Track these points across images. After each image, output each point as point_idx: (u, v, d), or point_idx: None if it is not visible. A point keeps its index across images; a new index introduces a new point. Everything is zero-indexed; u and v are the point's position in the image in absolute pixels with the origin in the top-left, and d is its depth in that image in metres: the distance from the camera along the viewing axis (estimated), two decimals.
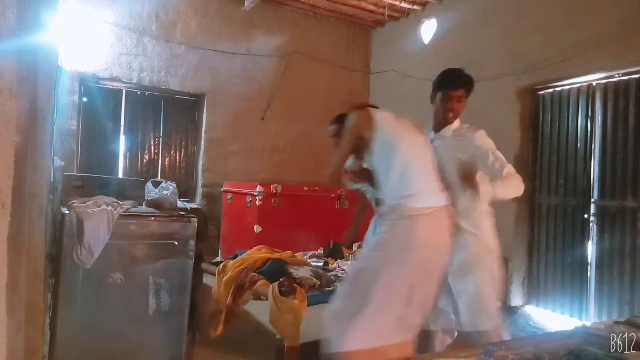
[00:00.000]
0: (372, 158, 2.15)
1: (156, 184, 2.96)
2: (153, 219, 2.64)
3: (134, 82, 5.66)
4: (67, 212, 2.38)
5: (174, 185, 2.94)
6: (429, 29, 5.86)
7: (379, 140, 2.11)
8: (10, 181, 1.47)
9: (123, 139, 5.84)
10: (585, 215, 4.27)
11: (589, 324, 2.21)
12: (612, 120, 4.12)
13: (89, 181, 3.12)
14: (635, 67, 3.90)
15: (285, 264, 3.11)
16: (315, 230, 4.74)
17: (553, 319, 4.45)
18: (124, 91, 5.82)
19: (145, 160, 5.99)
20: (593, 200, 4.23)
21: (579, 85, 4.40)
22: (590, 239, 4.24)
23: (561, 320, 4.37)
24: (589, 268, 4.25)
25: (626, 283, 3.92)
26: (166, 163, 6.15)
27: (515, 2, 4.91)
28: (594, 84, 4.29)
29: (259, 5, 6.05)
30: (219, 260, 3.76)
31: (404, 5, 6.09)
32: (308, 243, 4.25)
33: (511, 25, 4.91)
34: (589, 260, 4.25)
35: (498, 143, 2.42)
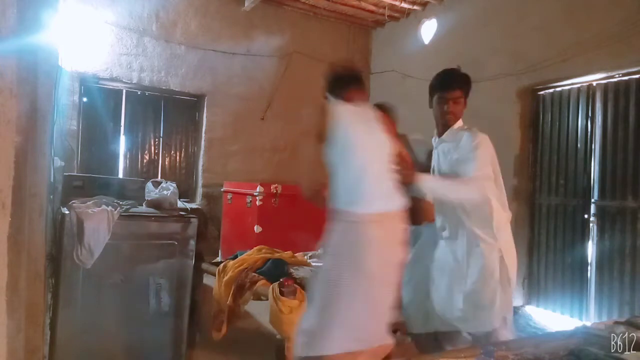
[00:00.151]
0: (328, 157, 1.99)
1: (156, 184, 2.96)
2: (153, 219, 2.64)
3: (134, 82, 5.67)
4: (67, 212, 2.38)
5: (174, 185, 2.94)
6: (429, 29, 5.86)
7: (334, 139, 1.96)
8: (10, 181, 1.47)
9: (123, 139, 5.84)
10: (585, 215, 4.27)
11: (589, 324, 2.21)
12: (612, 120, 4.12)
13: (89, 181, 3.12)
14: (635, 67, 3.90)
15: (285, 264, 3.12)
16: (315, 230, 4.72)
17: (553, 319, 4.45)
18: (124, 91, 5.82)
19: (145, 160, 5.99)
20: (593, 200, 4.23)
21: (579, 85, 4.40)
22: (590, 239, 4.23)
23: (561, 320, 4.36)
24: (589, 268, 4.25)
25: (626, 283, 3.92)
26: (166, 163, 6.15)
27: (515, 2, 4.91)
28: (594, 84, 4.28)
29: (259, 5, 6.05)
30: (219, 260, 3.76)
31: (404, 5, 6.09)
32: (308, 243, 4.24)
33: (511, 25, 4.90)
34: (589, 260, 4.25)
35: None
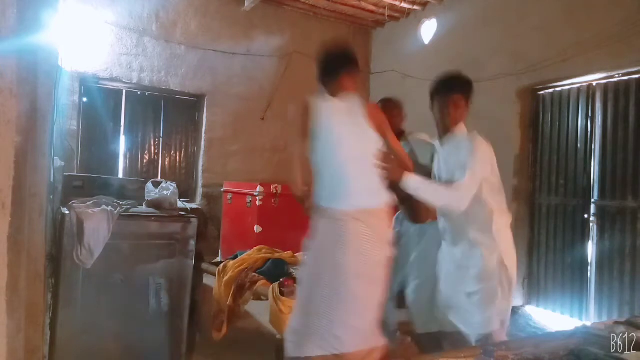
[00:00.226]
0: (311, 154, 1.99)
1: (156, 184, 2.96)
2: (153, 219, 2.64)
3: (134, 82, 5.66)
4: (67, 212, 2.38)
5: (174, 185, 2.94)
6: (429, 29, 5.86)
7: (316, 135, 1.95)
8: (10, 181, 1.47)
9: (123, 139, 5.84)
10: (585, 215, 4.27)
11: (589, 324, 2.21)
12: (612, 120, 4.12)
13: (89, 181, 3.12)
14: (635, 67, 3.90)
15: (285, 264, 3.11)
16: None
17: (553, 319, 4.44)
18: (124, 91, 5.82)
19: (145, 160, 5.99)
20: (593, 200, 4.22)
21: (579, 85, 4.40)
22: (590, 239, 4.23)
23: (561, 320, 4.36)
24: (589, 268, 4.24)
25: (626, 283, 3.92)
26: (166, 163, 6.15)
27: (515, 2, 4.90)
28: (594, 84, 4.28)
29: (259, 5, 6.05)
30: (219, 260, 3.76)
31: (404, 5, 6.09)
32: None
33: (511, 25, 4.90)
34: (589, 260, 4.25)
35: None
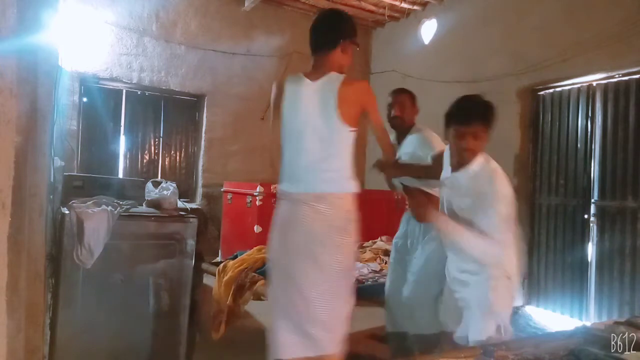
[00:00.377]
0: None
1: (156, 184, 2.95)
2: (153, 219, 2.64)
3: (134, 82, 5.67)
4: (67, 212, 2.38)
5: (174, 185, 2.93)
6: (429, 29, 5.85)
7: (282, 116, 1.99)
8: (10, 181, 1.47)
9: (123, 139, 5.84)
10: (585, 215, 4.27)
11: (589, 324, 2.21)
12: (612, 120, 4.12)
13: (89, 181, 3.11)
14: (635, 67, 3.90)
15: None
16: None
17: (553, 319, 4.45)
18: (124, 91, 5.82)
19: (145, 160, 5.99)
20: (593, 200, 4.23)
21: (579, 85, 4.40)
22: (590, 239, 4.23)
23: (561, 320, 4.36)
24: (589, 268, 4.25)
25: (626, 283, 3.92)
26: (166, 163, 6.15)
27: (515, 2, 4.91)
28: (594, 84, 4.28)
29: (259, 5, 6.05)
30: (219, 260, 3.76)
31: (404, 5, 6.09)
32: None
33: (511, 25, 4.90)
34: (589, 260, 4.25)
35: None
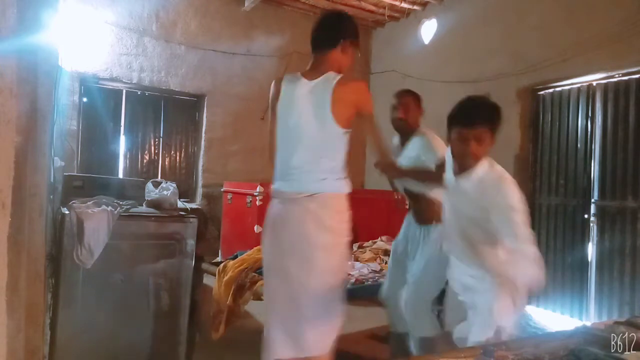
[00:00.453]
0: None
1: (156, 184, 2.95)
2: (153, 219, 2.64)
3: (134, 82, 5.67)
4: (67, 212, 2.38)
5: (174, 185, 2.93)
6: (429, 29, 5.85)
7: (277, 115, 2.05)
8: (10, 181, 1.47)
9: (123, 139, 5.84)
10: (585, 215, 4.27)
11: (589, 324, 2.21)
12: (612, 120, 4.12)
13: (89, 181, 3.11)
14: (635, 67, 3.90)
15: None
16: None
17: (553, 319, 4.45)
18: (124, 91, 5.82)
19: (145, 160, 5.99)
20: (593, 200, 4.23)
21: (579, 85, 4.40)
22: (590, 239, 4.23)
23: (561, 320, 4.37)
24: (589, 268, 4.25)
25: (626, 283, 3.92)
26: (166, 163, 6.15)
27: (515, 2, 4.91)
28: (594, 84, 4.28)
29: (259, 5, 6.05)
30: (219, 260, 3.76)
31: (404, 5, 6.09)
32: None
33: (511, 25, 4.90)
34: (589, 260, 4.25)
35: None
